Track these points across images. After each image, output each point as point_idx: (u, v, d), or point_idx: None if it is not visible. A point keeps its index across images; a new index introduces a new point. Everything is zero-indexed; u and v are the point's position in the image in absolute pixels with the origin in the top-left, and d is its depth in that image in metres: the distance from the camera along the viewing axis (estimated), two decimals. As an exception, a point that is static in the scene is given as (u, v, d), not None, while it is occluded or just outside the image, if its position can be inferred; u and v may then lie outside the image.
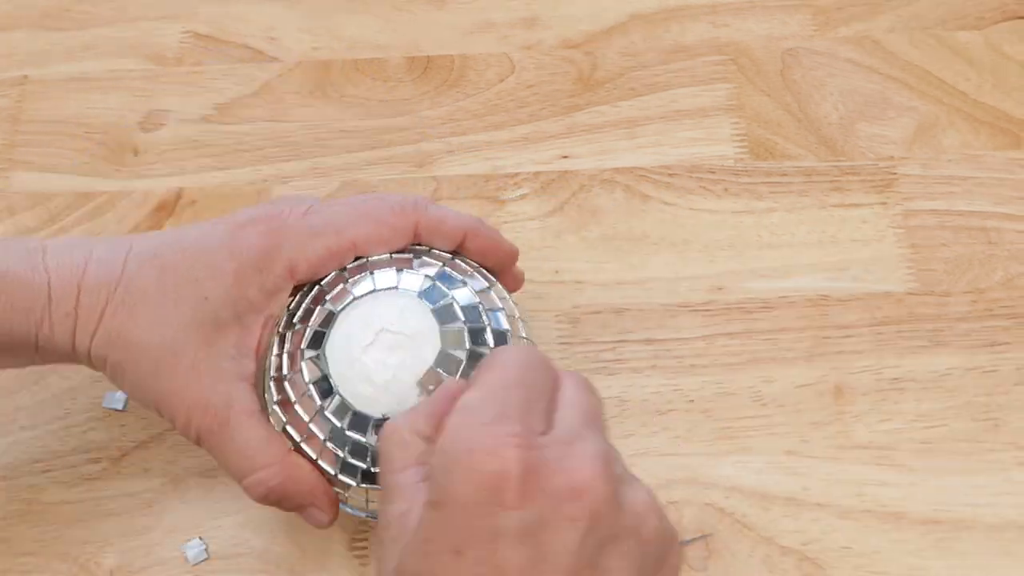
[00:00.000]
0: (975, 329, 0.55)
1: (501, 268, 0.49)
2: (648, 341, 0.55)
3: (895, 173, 0.59)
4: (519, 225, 0.58)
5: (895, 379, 0.54)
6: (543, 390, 0.39)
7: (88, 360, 0.45)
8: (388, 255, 0.47)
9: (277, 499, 0.44)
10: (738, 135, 0.60)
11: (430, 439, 0.39)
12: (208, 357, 0.43)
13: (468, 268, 0.47)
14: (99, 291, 0.43)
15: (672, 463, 0.52)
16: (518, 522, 0.35)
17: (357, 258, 0.46)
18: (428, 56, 0.63)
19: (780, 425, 0.53)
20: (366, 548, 0.50)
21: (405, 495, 0.38)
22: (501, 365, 0.39)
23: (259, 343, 0.45)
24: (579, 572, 0.36)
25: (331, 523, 0.45)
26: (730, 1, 0.64)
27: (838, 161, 0.59)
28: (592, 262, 0.57)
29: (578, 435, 0.38)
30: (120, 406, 0.54)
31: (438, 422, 0.39)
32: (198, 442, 0.45)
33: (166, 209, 0.59)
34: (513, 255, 0.49)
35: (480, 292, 0.46)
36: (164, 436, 0.53)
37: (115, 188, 0.60)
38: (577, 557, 0.35)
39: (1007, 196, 0.58)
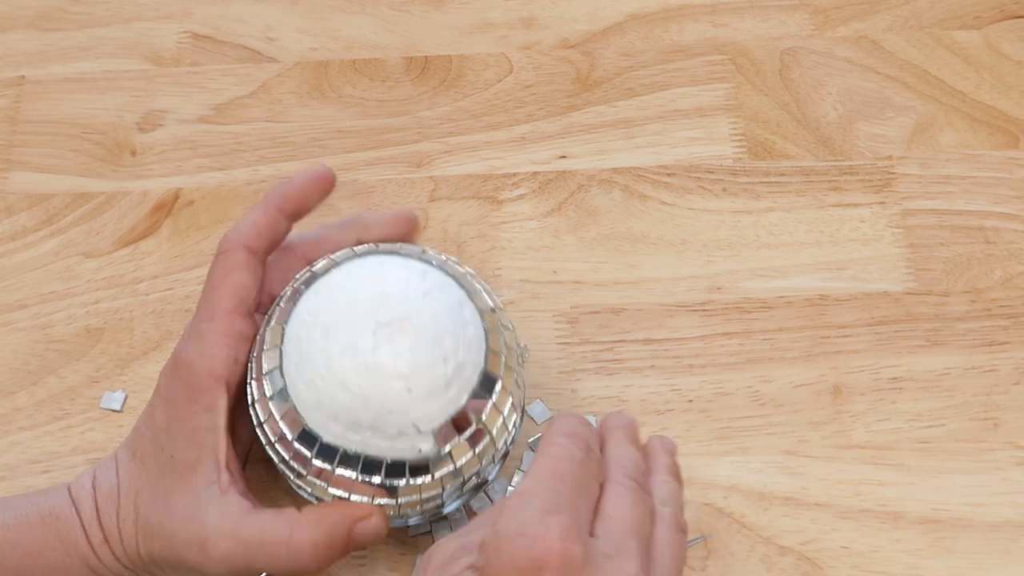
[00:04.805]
0: (973, 328, 0.55)
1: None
2: (646, 341, 0.55)
3: (893, 172, 0.59)
4: (517, 225, 0.58)
5: (893, 379, 0.54)
6: (591, 488, 0.40)
7: (153, 567, 0.46)
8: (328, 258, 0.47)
9: (326, 551, 0.44)
10: (736, 135, 0.60)
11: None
12: (194, 499, 0.44)
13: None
14: (109, 509, 0.46)
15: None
16: None
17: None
18: (426, 56, 0.63)
19: (778, 425, 0.53)
20: (365, 549, 0.50)
21: None
22: (554, 457, 0.40)
23: (225, 452, 0.45)
24: None
25: (385, 524, 0.45)
26: (728, 1, 0.64)
27: (836, 161, 0.59)
28: (590, 262, 0.57)
29: (621, 549, 0.38)
30: (118, 406, 0.54)
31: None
32: (231, 572, 0.45)
33: (164, 209, 0.59)
34: (324, 178, 0.49)
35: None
36: (162, 437, 0.53)
37: (113, 188, 0.60)
38: None
39: (1005, 195, 0.58)
